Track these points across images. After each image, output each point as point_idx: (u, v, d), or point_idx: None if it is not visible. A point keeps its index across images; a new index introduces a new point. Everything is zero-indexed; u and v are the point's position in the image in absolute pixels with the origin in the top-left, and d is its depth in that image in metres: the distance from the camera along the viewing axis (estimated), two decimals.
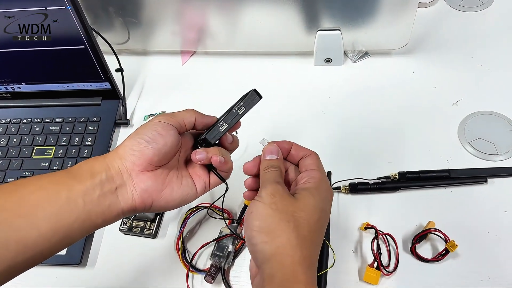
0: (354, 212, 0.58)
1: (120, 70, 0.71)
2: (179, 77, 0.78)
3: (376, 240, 0.54)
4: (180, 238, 0.58)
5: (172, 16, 0.73)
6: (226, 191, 0.48)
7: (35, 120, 0.72)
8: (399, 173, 0.60)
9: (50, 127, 0.71)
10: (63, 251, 0.57)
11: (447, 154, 0.62)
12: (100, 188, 0.38)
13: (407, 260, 0.54)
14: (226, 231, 0.56)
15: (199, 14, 0.72)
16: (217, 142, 0.45)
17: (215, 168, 0.45)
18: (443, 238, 0.53)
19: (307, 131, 0.68)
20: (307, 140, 0.48)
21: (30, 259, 0.35)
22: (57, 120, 0.71)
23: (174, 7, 0.72)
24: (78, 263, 0.58)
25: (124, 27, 0.75)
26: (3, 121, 0.72)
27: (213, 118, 0.45)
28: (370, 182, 0.60)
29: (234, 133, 0.48)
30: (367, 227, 0.56)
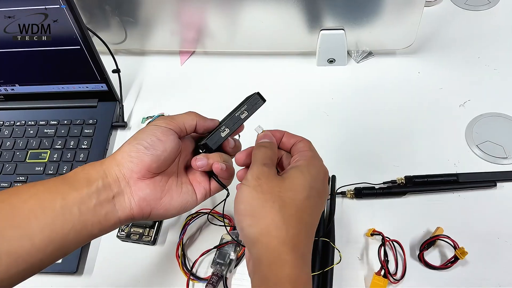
0: (359, 218, 0.57)
1: (117, 71, 0.69)
2: (178, 78, 0.77)
3: (383, 247, 0.52)
4: (180, 245, 0.56)
5: (170, 15, 0.71)
6: (227, 196, 0.46)
7: (29, 122, 0.70)
8: (406, 177, 0.58)
9: (45, 130, 0.69)
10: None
11: (455, 157, 0.60)
12: (96, 196, 0.37)
13: (414, 268, 0.52)
14: (228, 238, 0.55)
15: (198, 12, 0.70)
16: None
17: (216, 175, 0.44)
18: (452, 245, 0.51)
19: (310, 134, 0.64)
20: None
21: (23, 271, 0.34)
22: (52, 122, 0.69)
23: (173, 6, 0.70)
24: (74, 271, 0.56)
25: (120, 27, 0.73)
26: None
27: (215, 122, 0.44)
28: (376, 187, 0.58)
29: (237, 136, 0.47)
30: (373, 233, 0.54)
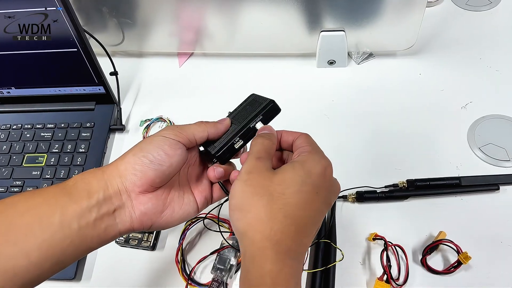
0: (361, 222, 0.56)
1: (114, 73, 0.68)
2: (176, 80, 0.76)
3: (385, 251, 0.52)
4: (180, 250, 0.55)
5: (168, 16, 0.70)
6: (225, 201, 0.46)
7: (26, 126, 0.69)
8: (408, 181, 0.57)
9: (42, 134, 0.68)
10: None
11: (457, 160, 0.60)
12: (97, 210, 0.35)
13: (417, 272, 0.52)
14: (228, 242, 0.54)
15: (197, 14, 0.70)
16: None
17: (223, 184, 0.43)
18: (455, 249, 0.51)
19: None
20: None
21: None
22: (49, 126, 0.68)
23: (171, 7, 0.69)
24: (72, 278, 0.55)
25: (118, 28, 0.72)
26: None
27: (226, 124, 0.43)
28: (378, 191, 0.57)
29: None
30: (376, 237, 0.53)
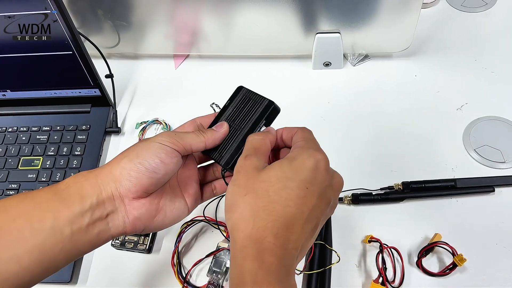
0: (357, 224, 0.56)
1: (110, 76, 0.68)
2: (172, 82, 0.75)
3: (381, 254, 0.52)
4: (176, 253, 0.55)
5: (164, 18, 0.70)
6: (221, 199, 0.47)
7: (21, 128, 0.69)
8: (403, 183, 0.58)
9: (37, 136, 0.67)
10: None
11: (452, 162, 0.60)
12: (90, 215, 0.35)
13: (413, 275, 0.52)
14: (224, 245, 0.54)
15: (192, 16, 0.69)
16: None
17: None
18: (451, 251, 0.51)
19: None
20: None
21: None
22: (44, 128, 0.68)
23: (166, 9, 0.69)
24: (68, 281, 0.55)
25: (113, 31, 0.72)
26: None
27: (224, 132, 0.42)
28: (373, 193, 0.57)
29: None
30: (371, 240, 0.53)
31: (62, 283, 0.55)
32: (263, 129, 0.41)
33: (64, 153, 0.65)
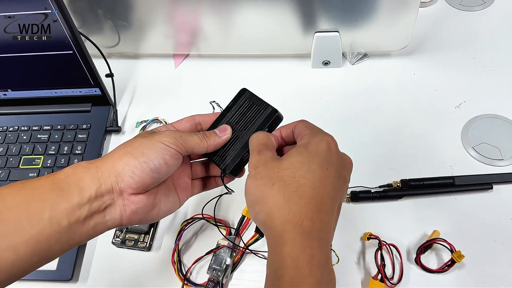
0: (356, 222, 0.56)
1: (110, 75, 0.68)
2: (172, 81, 0.76)
3: (379, 251, 0.52)
4: (176, 250, 0.56)
5: (164, 18, 0.71)
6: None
7: (22, 128, 0.69)
8: (402, 180, 0.58)
9: (38, 135, 0.68)
10: (53, 266, 0.56)
11: (451, 159, 0.60)
12: (88, 207, 0.35)
13: (411, 271, 0.52)
14: (223, 243, 0.54)
15: (192, 15, 0.70)
16: None
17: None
18: (449, 248, 0.51)
19: None
20: None
21: (4, 282, 0.33)
22: (45, 128, 0.68)
23: (166, 9, 0.69)
24: (69, 279, 0.55)
25: (114, 30, 0.73)
26: None
27: (227, 137, 0.42)
28: (372, 190, 0.58)
29: None
30: (370, 237, 0.54)
31: (64, 281, 0.55)
32: None
33: (64, 152, 0.66)
